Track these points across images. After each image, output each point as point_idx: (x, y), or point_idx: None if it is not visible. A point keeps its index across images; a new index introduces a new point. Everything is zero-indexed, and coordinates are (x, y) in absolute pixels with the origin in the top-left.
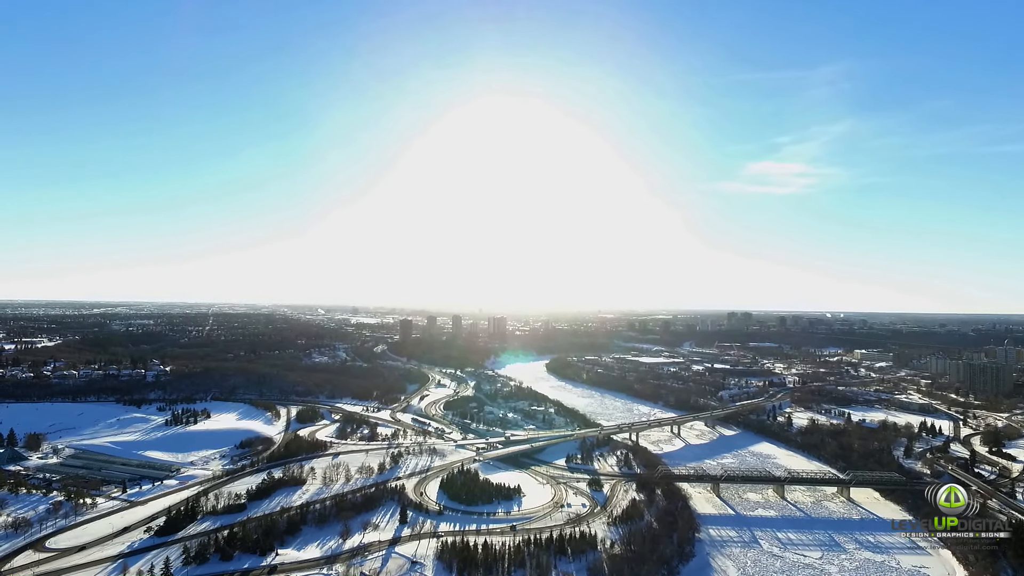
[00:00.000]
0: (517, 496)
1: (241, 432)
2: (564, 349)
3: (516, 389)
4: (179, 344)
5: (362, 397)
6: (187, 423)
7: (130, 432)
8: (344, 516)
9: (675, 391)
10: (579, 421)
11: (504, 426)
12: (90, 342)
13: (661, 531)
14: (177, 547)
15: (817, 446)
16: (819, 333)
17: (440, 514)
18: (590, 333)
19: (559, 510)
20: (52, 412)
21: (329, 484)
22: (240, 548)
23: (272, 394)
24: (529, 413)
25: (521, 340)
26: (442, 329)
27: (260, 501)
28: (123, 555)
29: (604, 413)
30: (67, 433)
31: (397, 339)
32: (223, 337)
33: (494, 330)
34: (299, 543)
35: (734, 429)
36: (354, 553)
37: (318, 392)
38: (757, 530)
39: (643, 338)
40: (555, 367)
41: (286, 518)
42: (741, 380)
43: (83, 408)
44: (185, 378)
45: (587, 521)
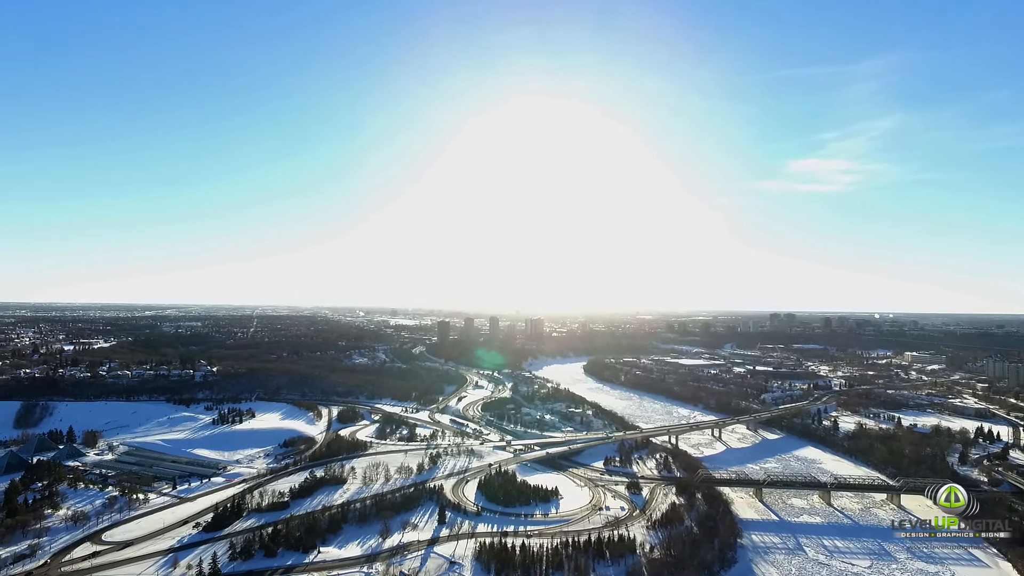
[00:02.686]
0: (555, 498)
1: (284, 432)
2: (602, 351)
3: (553, 391)
4: (225, 345)
5: (401, 398)
6: (233, 422)
7: (179, 430)
8: (384, 515)
9: (716, 394)
10: (617, 423)
11: (541, 428)
12: (142, 343)
13: (702, 536)
14: (224, 543)
15: (865, 451)
16: (867, 334)
17: (478, 515)
18: (628, 335)
19: (597, 513)
20: (107, 410)
21: (369, 484)
22: (284, 545)
23: (314, 394)
24: (567, 415)
25: (558, 342)
26: (479, 330)
27: (303, 499)
28: (173, 549)
29: (643, 415)
30: (121, 431)
31: (435, 340)
32: (267, 339)
33: (531, 331)
34: (340, 541)
35: (777, 433)
36: (394, 552)
37: (358, 393)
38: (802, 536)
39: (682, 340)
40: (593, 369)
41: (328, 516)
42: (784, 383)
43: (136, 407)
44: (231, 378)
45: (626, 524)
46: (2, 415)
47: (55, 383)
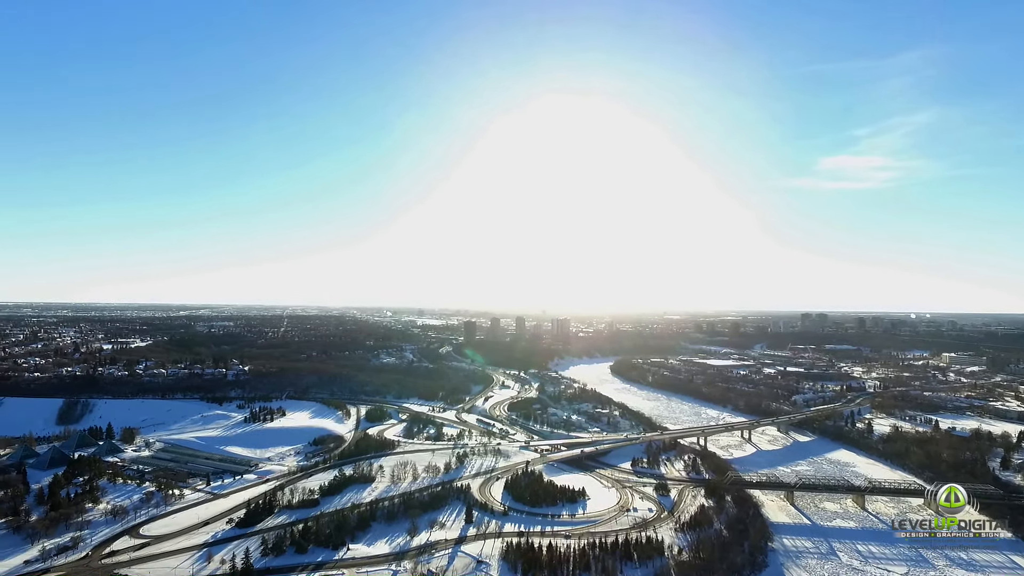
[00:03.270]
0: (582, 499)
1: (314, 430)
2: (629, 351)
3: (580, 391)
4: (256, 345)
5: (428, 397)
6: (264, 420)
7: (213, 428)
8: (412, 514)
9: (745, 395)
10: (644, 424)
11: (568, 428)
12: (177, 343)
13: (731, 539)
14: (256, 538)
15: (901, 455)
16: (902, 335)
17: (505, 515)
18: (655, 335)
19: (625, 514)
20: (144, 408)
21: (397, 482)
22: (314, 542)
23: (343, 393)
24: (593, 415)
25: (584, 342)
26: (506, 331)
27: (332, 497)
28: (207, 544)
29: (670, 416)
30: (157, 428)
31: (461, 340)
32: (297, 338)
33: (557, 331)
34: (369, 539)
35: (809, 435)
36: (421, 550)
37: (386, 392)
38: (835, 541)
39: (711, 340)
40: (619, 369)
41: (357, 514)
42: (816, 384)
43: (171, 405)
44: (262, 377)
45: (654, 526)
46: (46, 412)
47: (95, 381)
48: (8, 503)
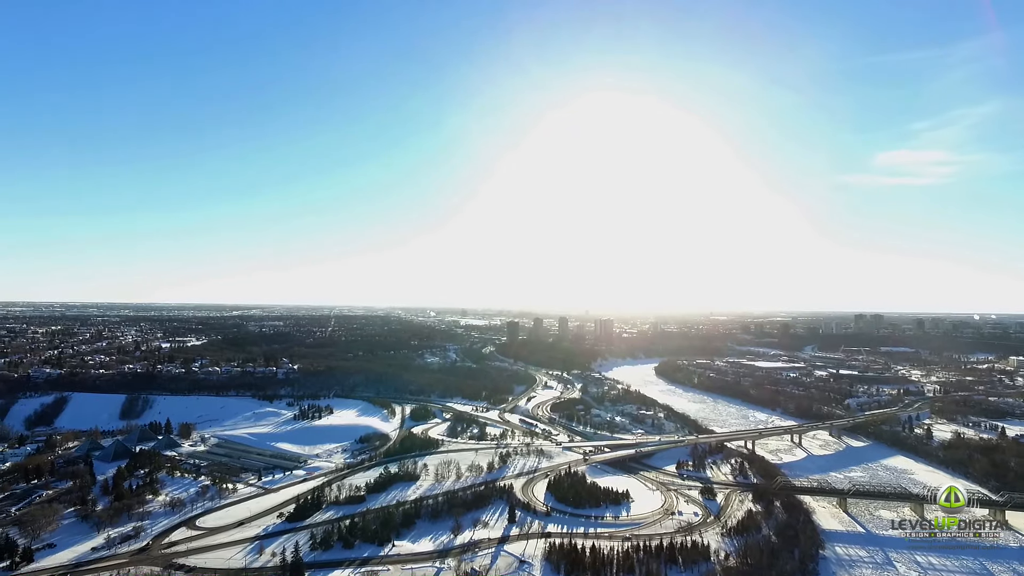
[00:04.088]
0: (626, 501)
1: (360, 428)
2: (674, 352)
3: (624, 392)
4: (305, 344)
5: (471, 397)
6: (313, 418)
7: (264, 425)
8: (455, 512)
9: (795, 398)
10: (690, 426)
11: (611, 430)
12: (230, 341)
13: (781, 545)
14: (305, 533)
15: (963, 462)
16: (964, 337)
17: (548, 515)
18: (701, 336)
19: (669, 517)
20: (199, 405)
21: (441, 480)
22: (360, 537)
23: (388, 392)
24: (637, 417)
25: (628, 342)
26: (548, 331)
27: (378, 494)
28: (259, 537)
29: (717, 419)
30: (212, 424)
31: (504, 340)
32: (343, 338)
33: (601, 332)
34: (413, 536)
35: (863, 440)
36: (465, 549)
37: (430, 391)
38: (891, 551)
39: (759, 341)
40: (664, 370)
41: (402, 511)
42: (871, 387)
43: (224, 402)
44: (311, 376)
45: (699, 530)
46: (110, 407)
47: (154, 378)
48: (76, 493)
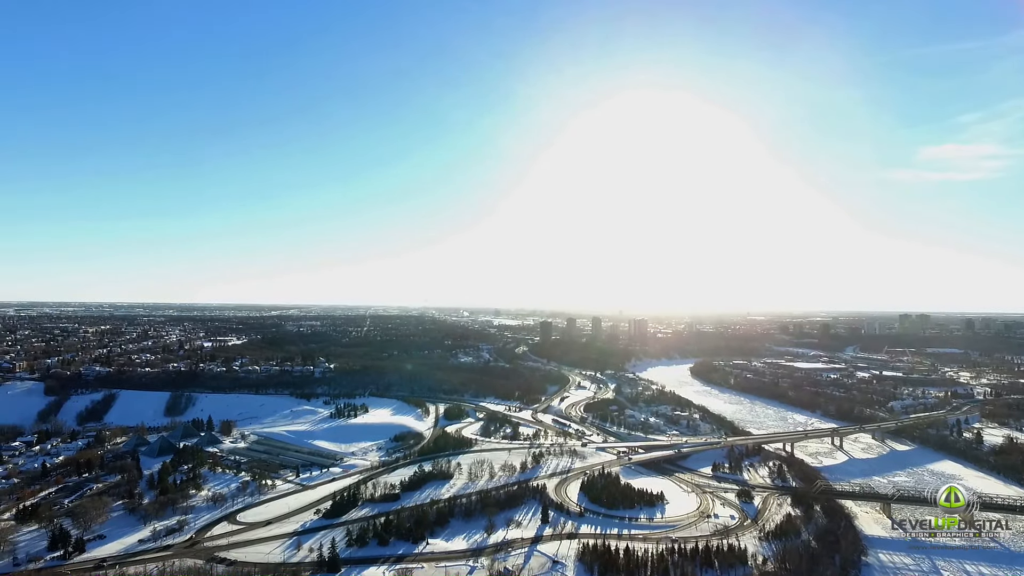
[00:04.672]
0: (660, 503)
1: (395, 426)
2: (709, 352)
3: (658, 393)
4: (341, 343)
5: (504, 397)
6: (348, 416)
7: (301, 423)
8: (488, 512)
9: (836, 400)
10: (726, 428)
11: (646, 431)
12: (269, 341)
13: (821, 551)
14: (341, 530)
15: (1017, 468)
16: (1018, 338)
17: (581, 516)
18: (738, 336)
19: (705, 520)
20: (239, 402)
21: (474, 480)
22: (395, 535)
23: (422, 391)
24: (672, 418)
25: (663, 343)
26: (582, 331)
27: (412, 492)
28: (297, 533)
29: (754, 421)
30: (252, 422)
31: (537, 340)
32: (379, 337)
33: (635, 332)
34: (447, 534)
35: (908, 444)
36: (498, 548)
37: (463, 391)
38: (939, 559)
39: (798, 342)
40: (700, 371)
41: (435, 510)
42: (916, 390)
43: (263, 400)
44: (347, 375)
45: (736, 534)
46: (155, 404)
47: (196, 376)
48: (124, 487)
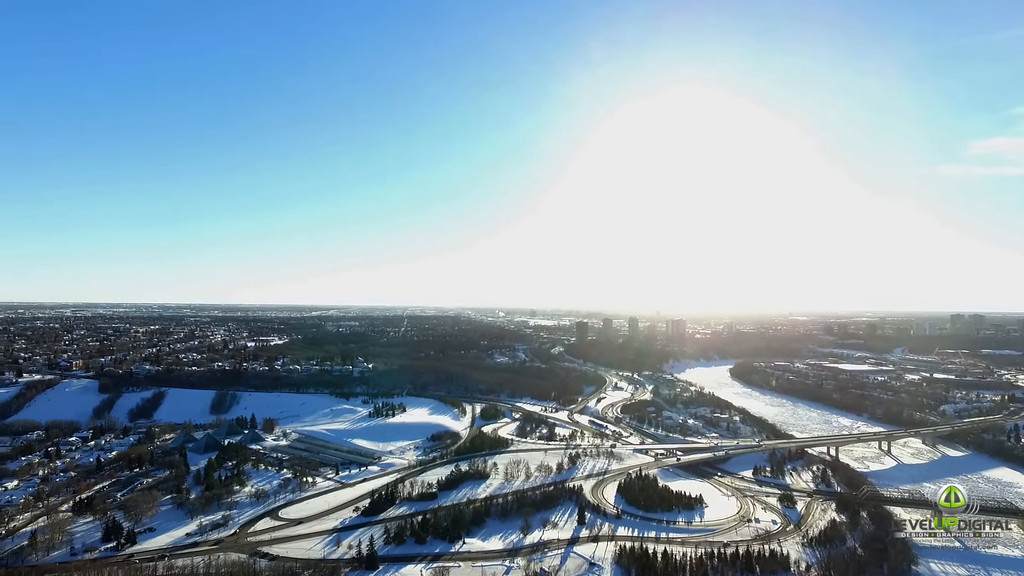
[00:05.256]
0: (699, 506)
1: (432, 426)
2: (750, 354)
3: (697, 394)
4: (379, 344)
5: (540, 397)
6: (386, 416)
7: (341, 421)
8: (524, 512)
9: (884, 403)
10: (768, 431)
11: (684, 433)
12: (309, 341)
13: (868, 559)
14: (379, 527)
15: None
16: None
17: (618, 518)
18: (780, 337)
19: (746, 524)
20: (281, 401)
21: (510, 480)
22: (432, 533)
23: (458, 391)
24: (711, 420)
25: (701, 343)
26: (618, 331)
27: (448, 491)
28: (337, 530)
29: (797, 424)
30: (293, 420)
31: (573, 341)
32: (416, 338)
33: (672, 333)
34: (483, 534)
35: (961, 450)
36: (534, 549)
37: (499, 391)
38: (996, 571)
39: (843, 343)
40: (740, 372)
41: (472, 509)
42: (970, 393)
43: (304, 399)
44: (385, 374)
45: (778, 539)
46: (201, 402)
47: (240, 375)
48: (173, 481)
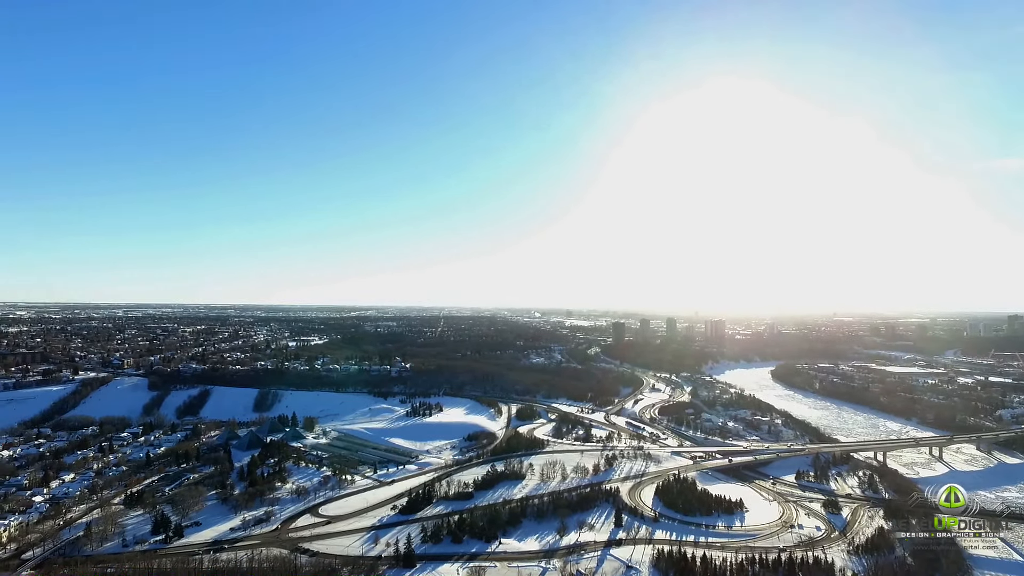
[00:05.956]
0: (739, 510)
1: (468, 426)
2: (792, 355)
3: (737, 396)
4: (416, 344)
5: (576, 398)
6: (423, 415)
7: (379, 420)
8: (560, 513)
9: (934, 407)
10: (811, 434)
11: (724, 435)
12: (348, 341)
13: (918, 569)
14: (417, 525)
15: None
16: None
17: (656, 521)
18: (823, 338)
19: (788, 530)
20: (321, 400)
21: (546, 481)
22: (469, 533)
23: (494, 392)
24: (752, 423)
25: (741, 344)
26: (655, 332)
27: (484, 491)
28: (374, 527)
29: (842, 428)
30: (332, 418)
31: (610, 342)
32: (452, 338)
33: (712, 333)
34: (519, 534)
35: (1020, 457)
36: (570, 550)
37: (535, 391)
38: None
39: (891, 344)
40: (782, 374)
41: (508, 509)
42: None
43: (343, 398)
44: (422, 374)
45: (822, 546)
46: (244, 400)
47: (282, 374)
48: (217, 477)
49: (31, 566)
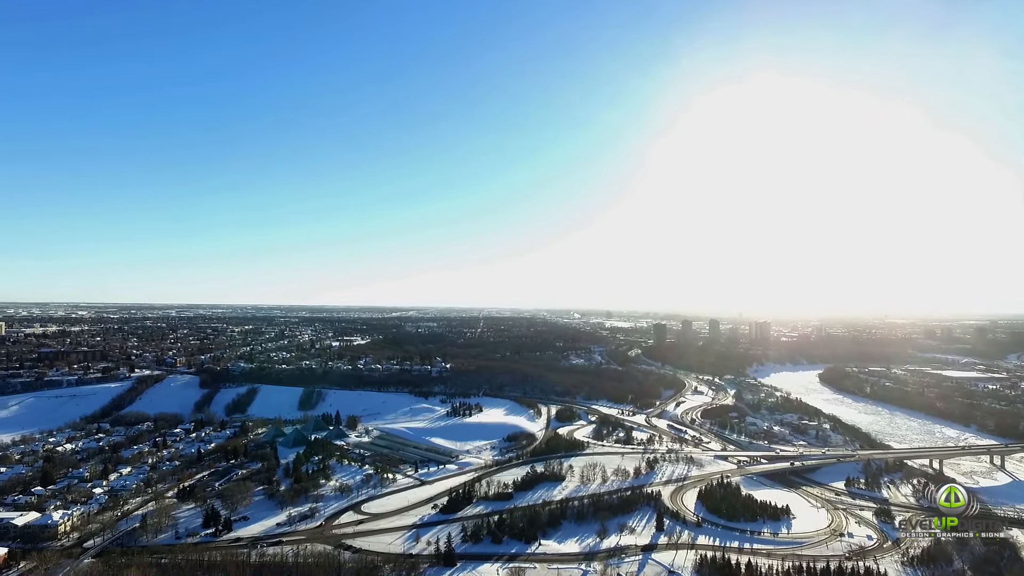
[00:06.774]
0: (786, 517)
1: (508, 426)
2: (841, 358)
3: (783, 400)
4: (456, 344)
5: (617, 400)
6: (464, 415)
7: (420, 420)
8: (601, 516)
9: (996, 413)
10: (861, 440)
11: (769, 439)
12: (389, 341)
13: None
14: (457, 525)
15: None
16: None
17: (698, 526)
18: (875, 341)
19: (838, 539)
20: (363, 399)
21: (586, 483)
22: (508, 533)
23: (534, 392)
24: (799, 427)
25: (787, 347)
26: (698, 334)
27: (524, 492)
28: (416, 526)
29: (894, 434)
30: (374, 417)
31: (651, 343)
32: (492, 339)
33: (756, 335)
34: (559, 536)
35: None
36: (611, 554)
37: (575, 393)
38: None
39: (948, 347)
40: (830, 378)
41: (548, 511)
42: None
43: (385, 397)
44: (462, 375)
45: (874, 556)
46: (290, 399)
47: (326, 374)
48: (264, 474)
49: (92, 555)
